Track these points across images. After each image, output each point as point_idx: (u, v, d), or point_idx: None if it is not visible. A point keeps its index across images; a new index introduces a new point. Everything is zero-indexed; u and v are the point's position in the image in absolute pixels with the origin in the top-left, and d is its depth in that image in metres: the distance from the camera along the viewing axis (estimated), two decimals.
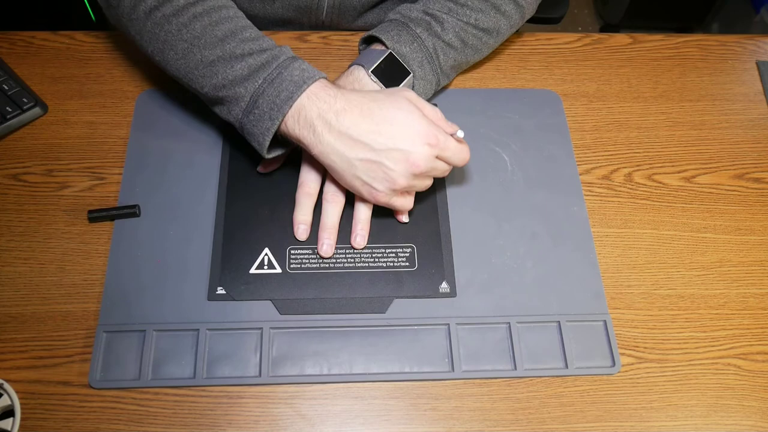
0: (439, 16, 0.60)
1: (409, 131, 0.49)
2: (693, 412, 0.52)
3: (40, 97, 0.63)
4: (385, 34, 0.59)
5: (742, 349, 0.55)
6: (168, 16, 0.51)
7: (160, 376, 0.50)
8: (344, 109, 0.49)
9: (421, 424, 0.50)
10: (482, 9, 0.61)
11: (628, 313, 0.56)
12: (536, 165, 0.62)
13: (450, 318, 0.53)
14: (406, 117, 0.49)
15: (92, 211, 0.56)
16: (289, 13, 0.71)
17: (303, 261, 0.55)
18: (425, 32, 0.59)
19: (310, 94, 0.49)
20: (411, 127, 0.49)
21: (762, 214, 0.62)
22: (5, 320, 0.52)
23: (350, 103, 0.49)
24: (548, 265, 0.57)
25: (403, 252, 0.56)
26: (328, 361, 0.51)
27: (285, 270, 0.54)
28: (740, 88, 0.70)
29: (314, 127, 0.49)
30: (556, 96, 0.67)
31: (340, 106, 0.49)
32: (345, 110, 0.49)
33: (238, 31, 0.52)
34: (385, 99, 0.51)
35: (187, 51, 0.51)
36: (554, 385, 0.52)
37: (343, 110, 0.49)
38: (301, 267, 0.54)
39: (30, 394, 0.49)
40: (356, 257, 0.55)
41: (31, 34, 0.68)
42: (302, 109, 0.49)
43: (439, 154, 0.50)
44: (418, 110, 0.50)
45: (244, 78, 0.50)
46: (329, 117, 0.49)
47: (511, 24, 0.63)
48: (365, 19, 0.73)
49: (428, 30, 0.59)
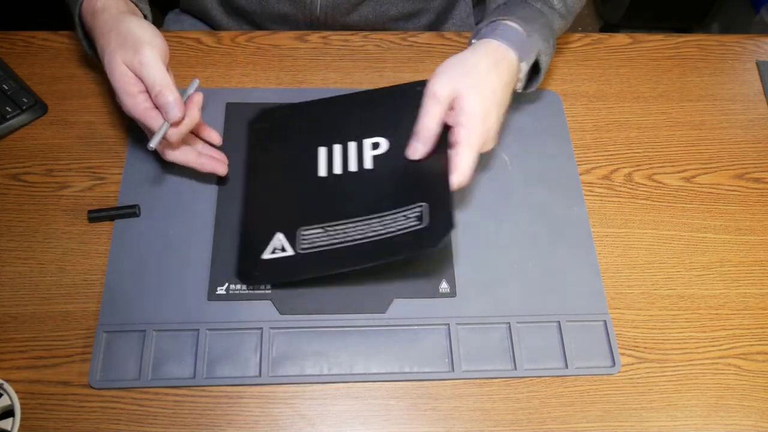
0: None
1: None
2: (693, 412, 0.52)
3: (40, 97, 0.63)
4: (512, 17, 0.57)
5: (742, 349, 0.55)
6: None
7: (160, 376, 0.50)
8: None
9: (421, 424, 0.50)
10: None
11: (628, 313, 0.56)
12: (536, 165, 0.62)
13: (450, 318, 0.53)
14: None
15: (92, 211, 0.56)
16: (284, 8, 0.71)
17: (314, 240, 0.54)
18: (545, 6, 0.60)
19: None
20: None
21: (762, 214, 0.62)
22: (5, 320, 0.52)
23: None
24: (548, 265, 0.57)
25: (413, 212, 0.53)
26: (328, 361, 0.51)
27: (296, 251, 0.53)
28: (740, 88, 0.70)
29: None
30: (556, 96, 0.67)
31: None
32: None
33: None
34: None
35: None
36: (554, 385, 0.52)
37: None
38: (313, 246, 0.53)
39: (30, 394, 0.49)
40: (366, 227, 0.53)
41: (31, 34, 0.68)
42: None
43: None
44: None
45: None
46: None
47: (576, 11, 0.64)
48: (360, 13, 0.72)
49: (546, 3, 0.60)
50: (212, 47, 0.68)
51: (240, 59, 0.67)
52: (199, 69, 0.66)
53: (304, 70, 0.67)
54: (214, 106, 0.63)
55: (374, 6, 0.72)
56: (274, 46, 0.69)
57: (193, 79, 0.54)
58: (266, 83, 0.66)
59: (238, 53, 0.68)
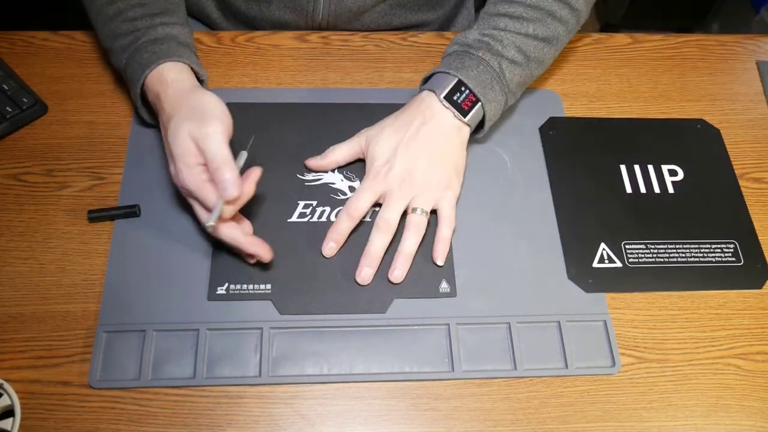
0: (496, 34, 0.58)
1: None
2: (693, 412, 0.52)
3: (40, 97, 0.63)
4: (448, 67, 0.58)
5: (742, 349, 0.55)
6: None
7: (160, 376, 0.50)
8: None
9: (421, 424, 0.50)
10: (538, 18, 0.58)
11: (628, 313, 0.56)
12: (536, 165, 0.62)
13: (450, 318, 0.53)
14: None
15: (92, 211, 0.56)
16: (285, 15, 0.71)
17: (639, 256, 0.57)
18: (488, 53, 0.57)
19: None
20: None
21: (762, 214, 0.62)
22: (5, 320, 0.52)
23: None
24: (548, 265, 0.57)
25: (727, 248, 0.58)
26: (328, 361, 0.51)
27: (625, 264, 0.56)
28: (740, 88, 0.70)
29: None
30: (556, 96, 0.67)
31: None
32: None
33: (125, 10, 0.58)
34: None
35: (96, 23, 0.60)
36: (554, 385, 0.52)
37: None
38: (639, 261, 0.57)
39: (30, 394, 0.49)
40: (686, 251, 0.57)
41: (31, 34, 0.68)
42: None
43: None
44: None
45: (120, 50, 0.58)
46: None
47: (569, 30, 0.61)
48: (362, 23, 0.72)
49: (490, 50, 0.57)
50: (212, 47, 0.68)
51: (240, 59, 0.68)
52: None
53: (304, 70, 0.67)
54: None
55: (377, 16, 0.72)
56: (274, 46, 0.69)
57: (240, 152, 0.52)
58: (266, 83, 0.66)
59: (238, 53, 0.68)
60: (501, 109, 0.59)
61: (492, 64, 0.57)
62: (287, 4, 0.69)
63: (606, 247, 0.57)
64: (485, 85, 0.57)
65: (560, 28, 0.60)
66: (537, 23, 0.58)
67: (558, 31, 0.60)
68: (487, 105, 0.57)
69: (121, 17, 0.57)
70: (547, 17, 0.59)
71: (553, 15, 0.59)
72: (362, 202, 0.55)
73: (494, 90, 0.57)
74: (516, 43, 0.58)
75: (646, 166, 0.62)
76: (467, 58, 0.57)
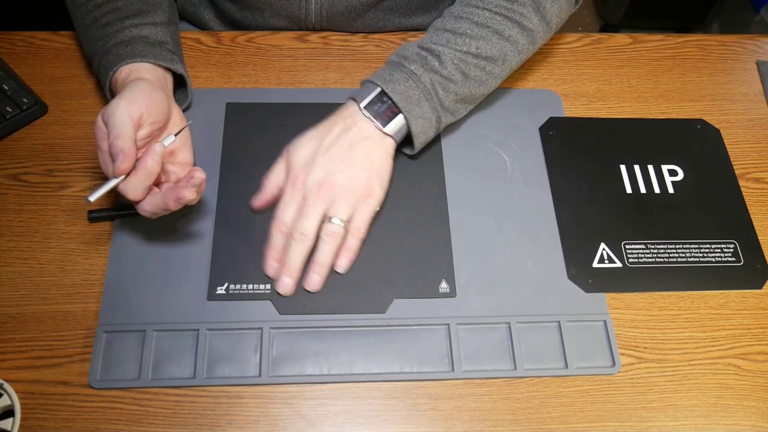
0: (436, 49, 0.57)
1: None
2: (693, 412, 0.52)
3: (40, 97, 0.63)
4: (377, 77, 0.57)
5: (742, 349, 0.55)
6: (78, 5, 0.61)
7: (160, 376, 0.50)
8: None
9: (421, 424, 0.50)
10: (483, 36, 0.57)
11: (628, 313, 0.56)
12: (536, 165, 0.62)
13: (450, 318, 0.53)
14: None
15: (92, 211, 0.56)
16: (279, 23, 0.71)
17: (639, 256, 0.57)
18: (420, 68, 0.56)
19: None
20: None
21: (762, 214, 0.62)
22: (5, 320, 0.52)
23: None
24: (548, 265, 0.57)
25: (727, 248, 0.58)
26: (328, 361, 0.51)
27: (625, 264, 0.57)
28: (740, 88, 0.70)
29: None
30: (556, 96, 0.67)
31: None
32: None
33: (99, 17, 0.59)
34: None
35: (79, 33, 0.62)
36: (554, 385, 0.52)
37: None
38: (638, 261, 0.57)
39: (30, 394, 0.49)
40: (686, 251, 0.58)
41: (31, 34, 0.68)
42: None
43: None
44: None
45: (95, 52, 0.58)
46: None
47: (519, 49, 0.59)
48: (355, 27, 0.72)
49: (424, 66, 0.56)
50: (212, 47, 0.68)
51: (240, 59, 0.68)
52: (199, 69, 0.66)
53: (304, 70, 0.67)
54: (214, 106, 0.63)
55: (370, 22, 0.72)
56: (274, 46, 0.69)
57: (168, 136, 0.51)
58: (266, 83, 0.66)
59: (238, 53, 0.68)
60: (432, 126, 0.58)
61: (423, 80, 0.56)
62: (279, 12, 0.70)
63: (606, 247, 0.57)
64: (411, 100, 0.56)
65: (507, 47, 0.58)
66: (481, 41, 0.57)
67: (505, 50, 0.58)
68: (412, 121, 0.56)
69: (96, 24, 0.58)
70: (493, 36, 0.57)
71: (501, 34, 0.58)
72: (287, 214, 0.54)
73: (421, 106, 0.56)
74: (455, 60, 0.56)
75: (646, 166, 0.63)
76: (398, 71, 0.57)
